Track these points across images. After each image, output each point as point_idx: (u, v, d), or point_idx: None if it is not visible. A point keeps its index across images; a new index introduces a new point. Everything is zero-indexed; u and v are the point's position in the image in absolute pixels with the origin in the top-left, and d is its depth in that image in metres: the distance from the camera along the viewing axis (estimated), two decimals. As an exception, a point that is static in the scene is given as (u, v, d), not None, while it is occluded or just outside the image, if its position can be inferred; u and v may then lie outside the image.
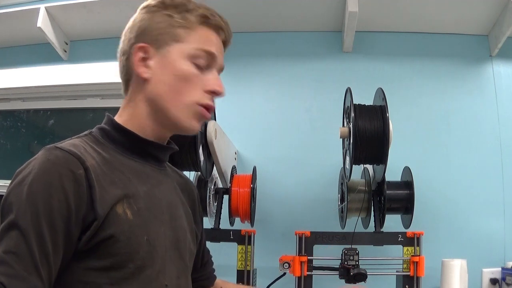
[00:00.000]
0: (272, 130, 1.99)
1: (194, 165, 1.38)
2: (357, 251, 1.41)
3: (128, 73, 0.82)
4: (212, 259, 1.06)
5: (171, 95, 0.78)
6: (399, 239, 1.47)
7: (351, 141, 1.37)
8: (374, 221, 1.52)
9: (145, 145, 0.81)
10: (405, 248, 1.46)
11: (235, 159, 1.88)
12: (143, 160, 0.81)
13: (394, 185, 1.55)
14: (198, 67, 0.79)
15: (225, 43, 0.84)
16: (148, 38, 0.78)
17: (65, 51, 2.19)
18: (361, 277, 1.38)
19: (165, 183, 0.84)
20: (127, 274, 0.69)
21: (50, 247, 0.63)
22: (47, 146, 0.70)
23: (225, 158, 1.61)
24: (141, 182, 0.77)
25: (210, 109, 0.81)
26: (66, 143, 0.71)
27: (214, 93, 0.80)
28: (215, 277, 1.05)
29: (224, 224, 1.58)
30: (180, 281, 0.80)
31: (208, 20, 0.80)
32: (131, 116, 0.80)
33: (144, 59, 0.78)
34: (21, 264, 0.61)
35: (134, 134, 0.79)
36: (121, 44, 0.83)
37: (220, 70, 0.84)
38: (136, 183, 0.76)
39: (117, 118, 0.81)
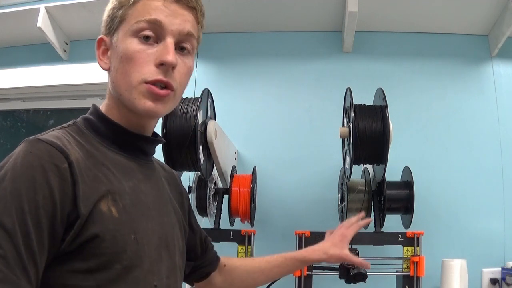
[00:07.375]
0: (272, 130, 1.99)
1: (194, 165, 1.38)
2: (357, 251, 1.41)
3: None
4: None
5: (121, 78, 0.73)
6: (399, 239, 1.47)
7: (351, 141, 1.37)
8: (374, 221, 1.52)
9: (130, 138, 0.77)
10: (405, 248, 1.46)
11: (235, 159, 1.87)
12: (129, 153, 0.77)
13: (394, 185, 1.55)
14: (147, 41, 0.73)
15: (179, 1, 0.75)
16: (106, 29, 0.78)
17: (65, 51, 2.19)
18: (361, 277, 1.37)
19: (152, 178, 0.81)
20: (113, 276, 0.65)
21: (36, 247, 0.60)
22: (29, 138, 0.65)
23: (225, 158, 1.61)
24: (127, 177, 0.73)
25: (163, 83, 0.73)
26: (49, 135, 0.67)
27: (162, 65, 0.72)
28: (218, 259, 1.02)
29: (224, 224, 1.58)
30: (169, 281, 0.76)
31: None
32: (108, 107, 0.78)
33: (105, 51, 0.77)
34: (10, 267, 0.57)
35: (117, 125, 0.76)
36: None
37: (179, 34, 0.74)
38: (121, 178, 0.72)
39: (101, 107, 0.79)
